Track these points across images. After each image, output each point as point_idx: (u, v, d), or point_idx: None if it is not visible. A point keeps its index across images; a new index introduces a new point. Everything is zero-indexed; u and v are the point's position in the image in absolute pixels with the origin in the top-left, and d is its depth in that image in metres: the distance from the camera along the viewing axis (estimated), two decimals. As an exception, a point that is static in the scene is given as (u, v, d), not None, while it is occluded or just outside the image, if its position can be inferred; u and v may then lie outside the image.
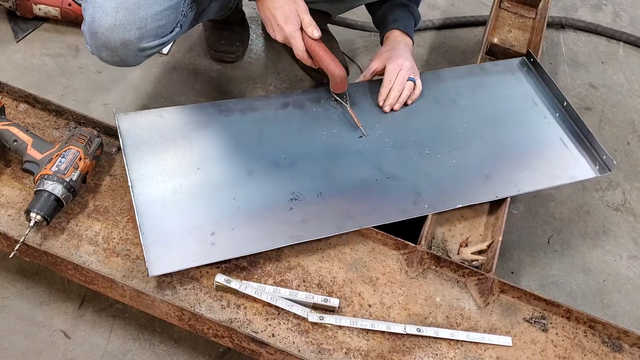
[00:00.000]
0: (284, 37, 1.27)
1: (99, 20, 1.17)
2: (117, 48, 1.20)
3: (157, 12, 1.20)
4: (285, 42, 1.28)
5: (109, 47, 1.20)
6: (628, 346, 1.14)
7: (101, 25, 1.17)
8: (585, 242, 1.63)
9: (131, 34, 1.19)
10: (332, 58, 1.27)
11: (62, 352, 1.22)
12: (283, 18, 1.24)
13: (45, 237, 1.10)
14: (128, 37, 1.19)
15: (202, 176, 1.20)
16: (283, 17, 1.24)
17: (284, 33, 1.26)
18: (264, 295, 1.07)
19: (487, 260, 1.20)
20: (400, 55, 1.40)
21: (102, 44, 1.19)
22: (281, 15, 1.24)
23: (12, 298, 1.28)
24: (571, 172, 1.37)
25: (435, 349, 1.08)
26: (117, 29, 1.17)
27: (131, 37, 1.19)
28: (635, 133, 1.96)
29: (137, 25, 1.18)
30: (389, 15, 1.48)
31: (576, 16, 2.33)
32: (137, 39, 1.20)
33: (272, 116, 1.34)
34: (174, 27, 1.28)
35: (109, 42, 1.19)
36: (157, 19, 1.21)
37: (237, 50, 1.83)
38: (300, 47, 1.27)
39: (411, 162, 1.31)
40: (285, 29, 1.25)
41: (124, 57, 1.23)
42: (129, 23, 1.18)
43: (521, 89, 1.54)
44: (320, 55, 1.27)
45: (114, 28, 1.17)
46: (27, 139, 1.15)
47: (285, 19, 1.24)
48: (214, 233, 1.11)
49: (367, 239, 1.20)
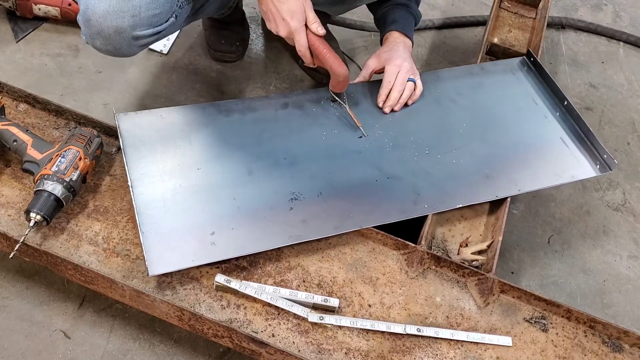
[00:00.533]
0: (288, 32, 1.23)
1: (92, 8, 1.16)
2: (110, 35, 1.19)
3: (151, 0, 1.20)
4: (288, 37, 1.25)
5: (103, 34, 1.19)
6: (628, 346, 1.14)
7: (95, 12, 1.17)
8: (586, 242, 1.63)
9: (124, 21, 1.18)
10: (335, 56, 1.26)
11: (62, 352, 1.22)
12: (289, 12, 1.21)
13: (45, 237, 1.10)
14: (121, 24, 1.18)
15: (202, 176, 1.19)
16: (289, 12, 1.21)
17: (289, 28, 1.23)
18: (264, 296, 1.07)
19: (487, 260, 1.20)
20: (399, 56, 1.40)
21: (96, 31, 1.19)
22: (287, 10, 1.21)
23: (12, 298, 1.28)
24: (572, 172, 1.36)
25: (436, 349, 1.08)
26: (111, 16, 1.17)
27: (124, 24, 1.18)
28: (635, 133, 1.95)
29: (130, 12, 1.18)
30: (389, 15, 1.47)
31: (576, 16, 2.33)
32: (131, 27, 1.19)
33: (272, 116, 1.34)
34: (168, 17, 1.27)
35: (102, 29, 1.18)
36: (151, 7, 1.20)
37: (237, 50, 1.83)
38: (303, 44, 1.24)
39: (411, 162, 1.31)
40: (290, 24, 1.22)
41: (118, 46, 1.22)
42: (123, 10, 1.17)
43: (521, 89, 1.54)
44: (323, 53, 1.25)
45: (107, 15, 1.16)
46: (27, 139, 1.15)
47: (291, 13, 1.21)
48: (214, 233, 1.11)
49: (367, 239, 1.20)
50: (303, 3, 1.22)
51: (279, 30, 1.24)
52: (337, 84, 1.31)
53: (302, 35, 1.24)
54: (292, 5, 1.21)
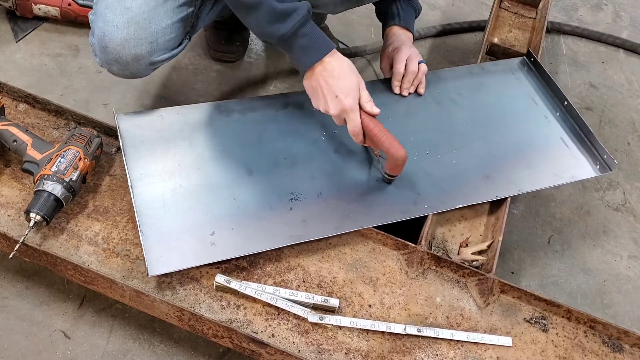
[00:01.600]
0: (341, 111, 1.17)
1: (110, 35, 1.17)
2: (128, 62, 1.20)
3: (167, 26, 1.21)
4: (339, 116, 1.18)
5: (120, 61, 1.20)
6: (628, 346, 1.14)
7: (112, 40, 1.17)
8: (586, 242, 1.63)
9: (143, 49, 1.19)
10: (392, 138, 1.18)
11: (62, 352, 1.22)
12: (344, 90, 1.15)
13: (45, 238, 1.10)
14: (140, 52, 1.19)
15: (202, 176, 1.19)
16: (344, 89, 1.15)
17: (342, 106, 1.16)
18: (264, 296, 1.06)
19: (487, 260, 1.20)
20: (405, 45, 1.42)
21: (113, 58, 1.20)
22: (341, 87, 1.15)
23: (12, 298, 1.28)
24: (572, 172, 1.36)
25: (436, 349, 1.08)
26: (129, 44, 1.17)
27: (143, 51, 1.19)
28: (635, 133, 1.95)
29: (148, 39, 1.19)
30: (390, 9, 1.48)
31: (576, 16, 2.33)
32: (149, 53, 1.20)
33: (272, 116, 1.34)
34: (182, 39, 1.29)
35: (120, 57, 1.19)
36: (167, 32, 1.21)
37: (237, 50, 1.83)
38: (357, 124, 1.17)
39: (411, 162, 1.30)
40: (344, 102, 1.15)
41: (135, 71, 1.24)
42: (141, 38, 1.18)
43: (521, 89, 1.54)
44: (379, 135, 1.18)
45: (125, 43, 1.17)
46: (26, 139, 1.15)
47: (346, 91, 1.15)
48: (214, 233, 1.11)
49: (367, 239, 1.20)
50: (358, 81, 1.18)
51: (329, 109, 1.18)
52: (395, 167, 1.21)
53: (357, 114, 1.17)
54: (347, 82, 1.16)
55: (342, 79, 1.16)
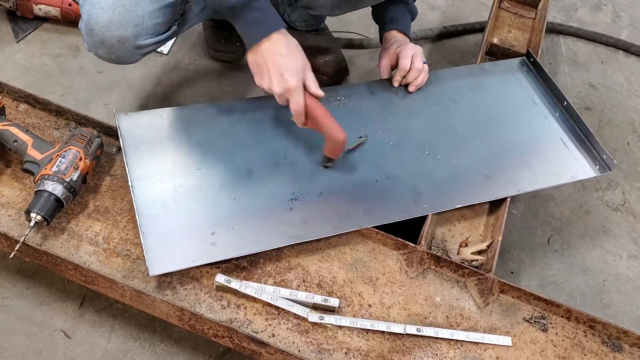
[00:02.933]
0: (285, 90, 1.16)
1: (95, 17, 1.16)
2: (113, 45, 1.19)
3: (154, 10, 1.20)
4: (282, 95, 1.17)
5: (106, 44, 1.19)
6: (628, 346, 1.15)
7: (98, 22, 1.16)
8: (585, 242, 1.63)
9: (128, 31, 1.18)
10: (333, 120, 1.18)
11: (62, 352, 1.22)
12: (290, 69, 1.14)
13: (46, 237, 1.11)
14: (124, 34, 1.18)
15: (202, 176, 1.20)
16: (290, 68, 1.14)
17: (287, 85, 1.15)
18: (264, 295, 1.07)
19: (487, 260, 1.20)
20: (409, 43, 1.44)
21: (99, 40, 1.19)
22: (287, 65, 1.14)
23: (12, 298, 1.28)
24: (571, 172, 1.37)
25: (435, 349, 1.08)
26: (114, 26, 1.17)
27: (127, 34, 1.18)
28: (635, 133, 1.96)
29: (134, 22, 1.18)
30: (387, 13, 1.49)
31: (576, 16, 2.33)
32: (134, 37, 1.19)
33: (272, 116, 1.34)
34: (171, 26, 1.27)
35: (105, 39, 1.18)
36: (154, 17, 1.20)
37: (237, 50, 1.83)
38: (300, 103, 1.16)
39: (411, 162, 1.31)
40: (290, 81, 1.14)
41: (121, 55, 1.22)
42: (126, 20, 1.17)
43: (521, 89, 1.55)
44: (320, 117, 1.18)
45: (110, 25, 1.16)
46: (27, 139, 1.15)
47: (292, 69, 1.14)
48: (214, 233, 1.11)
49: (367, 239, 1.20)
50: (304, 62, 1.17)
51: (273, 87, 1.17)
52: (334, 149, 1.22)
53: (301, 95, 1.16)
54: (293, 61, 1.15)
55: (289, 58, 1.15)
